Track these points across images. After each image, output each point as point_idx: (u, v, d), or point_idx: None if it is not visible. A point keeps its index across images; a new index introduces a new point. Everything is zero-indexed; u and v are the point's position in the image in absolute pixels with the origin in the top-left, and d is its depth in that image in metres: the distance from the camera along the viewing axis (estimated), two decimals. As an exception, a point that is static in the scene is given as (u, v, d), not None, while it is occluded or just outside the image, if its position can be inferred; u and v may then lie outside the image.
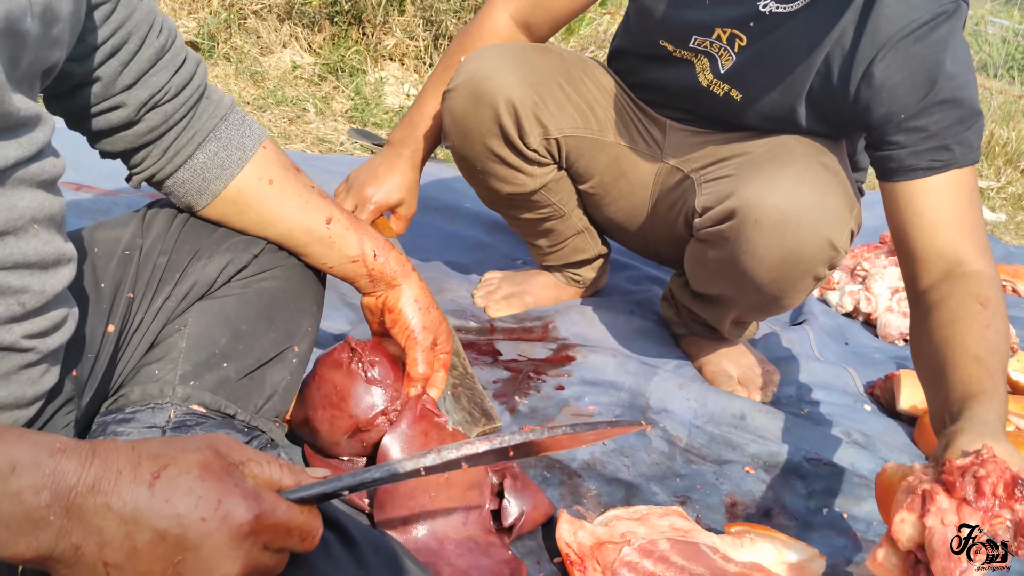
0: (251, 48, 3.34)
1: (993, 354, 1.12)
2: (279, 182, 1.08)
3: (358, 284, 1.19)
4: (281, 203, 1.08)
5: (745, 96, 1.50)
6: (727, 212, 1.40)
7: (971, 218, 1.30)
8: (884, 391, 1.77)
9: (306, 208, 1.09)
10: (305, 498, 0.69)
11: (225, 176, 1.04)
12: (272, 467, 0.69)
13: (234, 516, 0.63)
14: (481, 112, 1.55)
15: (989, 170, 4.42)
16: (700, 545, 1.12)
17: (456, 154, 1.66)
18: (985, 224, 1.32)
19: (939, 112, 1.30)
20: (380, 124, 3.25)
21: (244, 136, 1.05)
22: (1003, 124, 4.65)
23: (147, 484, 0.61)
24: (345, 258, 1.14)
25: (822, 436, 1.56)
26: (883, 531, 1.32)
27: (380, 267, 1.17)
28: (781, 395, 1.72)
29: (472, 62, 1.56)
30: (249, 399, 1.08)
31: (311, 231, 1.10)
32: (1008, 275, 2.71)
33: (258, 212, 1.07)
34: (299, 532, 0.68)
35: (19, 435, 0.59)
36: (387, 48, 3.54)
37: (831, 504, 1.38)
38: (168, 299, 1.04)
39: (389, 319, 1.21)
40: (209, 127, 1.03)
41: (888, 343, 2.12)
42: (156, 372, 1.02)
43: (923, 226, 1.30)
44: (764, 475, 1.43)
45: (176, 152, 1.01)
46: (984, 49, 7.97)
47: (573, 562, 1.08)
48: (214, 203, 1.05)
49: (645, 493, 1.31)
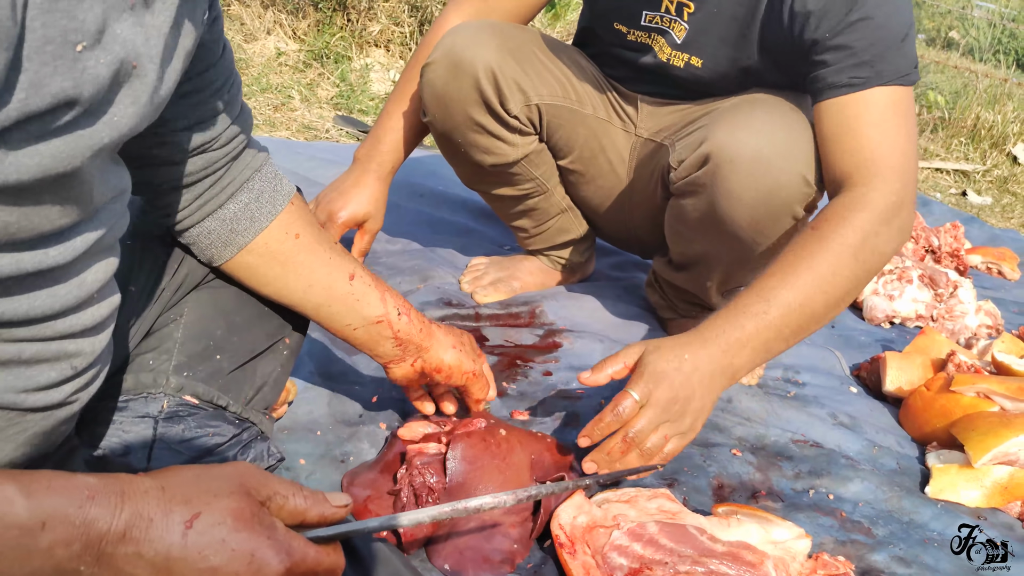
0: (235, 35, 3.32)
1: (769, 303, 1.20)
2: (305, 237, 1.04)
3: (382, 350, 1.12)
4: (305, 258, 1.04)
5: (706, 61, 1.53)
6: (701, 158, 1.42)
7: (889, 138, 1.29)
8: (870, 373, 1.78)
9: (329, 264, 1.05)
10: (331, 537, 0.72)
11: (254, 228, 1.00)
12: (297, 499, 0.70)
13: (267, 570, 0.64)
14: (461, 81, 1.55)
15: (975, 153, 4.44)
16: (688, 527, 1.12)
17: (436, 131, 1.66)
18: (914, 147, 1.31)
19: (861, 30, 1.30)
20: (366, 111, 3.24)
21: (275, 190, 1.02)
22: (989, 107, 4.66)
23: (180, 534, 0.61)
24: (367, 320, 1.08)
25: (808, 418, 1.57)
26: (868, 512, 1.33)
27: (406, 328, 1.10)
28: (768, 377, 1.73)
29: (449, 36, 1.57)
30: (240, 390, 1.08)
31: (332, 288, 1.05)
32: (994, 257, 2.73)
33: (282, 266, 1.03)
34: (325, 573, 0.70)
35: (47, 485, 0.57)
36: (372, 34, 3.52)
37: (817, 485, 1.39)
38: (164, 289, 1.04)
39: (441, 377, 1.16)
40: (244, 178, 0.99)
41: (874, 325, 2.13)
42: (150, 361, 1.02)
43: (839, 142, 1.32)
44: (751, 457, 1.44)
45: (208, 200, 0.97)
46: (971, 32, 7.99)
47: (563, 545, 1.08)
48: (239, 256, 1.01)
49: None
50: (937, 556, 1.26)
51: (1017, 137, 4.50)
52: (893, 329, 2.12)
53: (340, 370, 1.46)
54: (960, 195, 3.91)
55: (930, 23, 8.71)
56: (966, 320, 2.08)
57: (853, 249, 1.23)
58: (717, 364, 1.18)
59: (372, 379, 1.45)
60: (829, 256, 1.22)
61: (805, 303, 1.21)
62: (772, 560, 1.10)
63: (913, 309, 2.13)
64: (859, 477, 1.41)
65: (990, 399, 1.51)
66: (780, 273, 1.22)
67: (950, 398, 1.53)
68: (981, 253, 2.75)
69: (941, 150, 4.48)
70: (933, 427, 1.54)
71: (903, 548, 1.27)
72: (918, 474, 1.47)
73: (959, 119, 4.62)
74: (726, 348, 1.18)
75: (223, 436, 1.03)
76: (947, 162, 4.28)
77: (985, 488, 1.40)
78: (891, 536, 1.29)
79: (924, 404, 1.58)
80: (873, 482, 1.40)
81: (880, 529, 1.31)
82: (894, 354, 1.75)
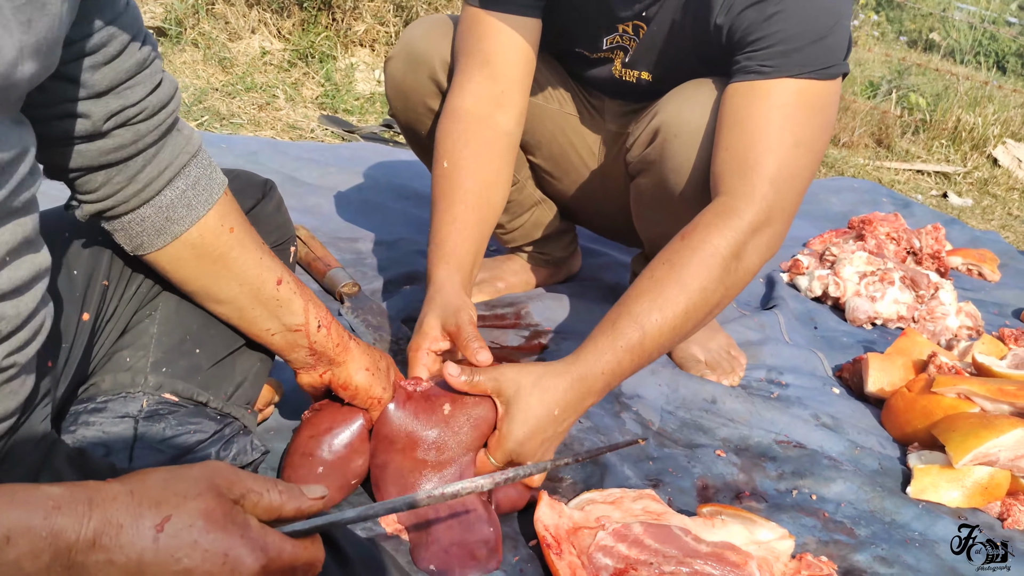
0: (219, 34, 3.31)
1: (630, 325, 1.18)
2: (239, 231, 0.98)
3: (294, 357, 1.09)
4: (239, 255, 0.98)
5: (655, 74, 1.54)
6: (651, 133, 1.44)
7: (771, 139, 1.25)
8: (852, 374, 1.80)
9: (260, 265, 1.00)
10: (308, 531, 0.70)
11: (191, 217, 0.94)
12: (272, 495, 0.69)
13: (242, 568, 0.63)
14: (418, 72, 1.58)
15: (956, 155, 4.48)
16: (672, 527, 1.13)
17: (400, 123, 1.69)
18: (806, 150, 1.27)
19: (778, 23, 1.27)
20: (351, 111, 3.24)
21: (211, 178, 0.96)
22: (969, 110, 4.71)
23: (151, 539, 0.60)
24: (287, 327, 1.05)
25: (791, 419, 1.58)
26: (850, 513, 1.35)
27: (323, 341, 1.07)
28: (751, 378, 1.74)
29: (407, 32, 1.61)
30: (220, 386, 1.07)
31: (260, 291, 1.01)
32: (974, 259, 2.76)
33: (214, 262, 0.97)
34: (304, 567, 0.69)
35: (10, 498, 0.56)
36: (357, 34, 3.52)
37: (800, 485, 1.40)
38: (141, 285, 1.02)
39: (346, 395, 1.13)
40: (181, 162, 0.93)
41: (856, 327, 2.15)
42: (127, 359, 1.01)
43: (723, 134, 1.29)
44: (735, 458, 1.45)
45: (147, 184, 0.91)
46: (952, 35, 8.05)
47: (549, 545, 1.09)
48: (171, 246, 0.95)
49: (619, 475, 1.33)
50: (918, 556, 1.27)
51: (997, 139, 4.55)
52: (875, 330, 2.14)
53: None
54: (941, 197, 3.94)
55: (912, 25, 8.77)
56: (947, 322, 2.10)
57: (723, 261, 1.20)
58: (584, 399, 1.16)
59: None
60: (701, 271, 1.19)
61: (676, 326, 1.19)
62: (756, 560, 1.11)
63: (895, 310, 2.15)
64: (841, 477, 1.42)
65: (971, 400, 1.53)
66: (651, 292, 1.19)
67: (931, 399, 1.55)
68: (962, 255, 2.78)
69: (922, 152, 4.52)
70: (914, 428, 1.56)
71: (885, 548, 1.28)
72: (900, 474, 1.48)
73: (940, 121, 4.66)
74: (600, 383, 1.17)
75: (204, 432, 1.02)
76: (928, 164, 4.31)
77: (966, 488, 1.41)
78: (873, 536, 1.31)
79: (905, 405, 1.59)
80: (855, 482, 1.41)
81: (862, 529, 1.32)
82: (876, 355, 1.76)
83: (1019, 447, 1.41)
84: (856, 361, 1.81)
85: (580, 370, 1.15)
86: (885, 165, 4.21)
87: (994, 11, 8.97)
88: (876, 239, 2.44)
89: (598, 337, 1.18)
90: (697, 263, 1.19)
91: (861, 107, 4.66)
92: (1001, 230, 3.61)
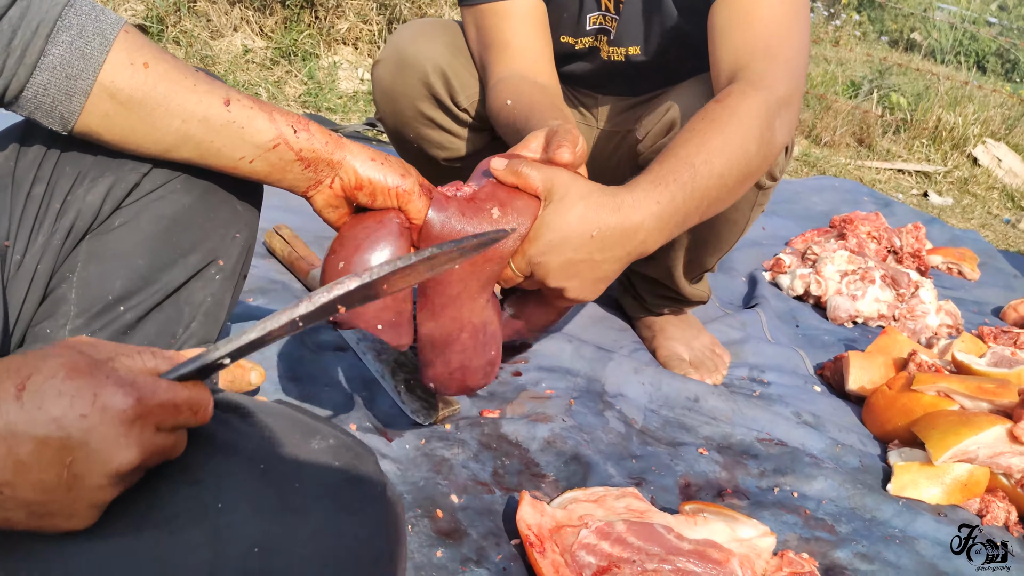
0: (201, 31, 3.29)
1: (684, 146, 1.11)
2: (156, 64, 0.87)
3: (292, 178, 0.97)
4: (166, 88, 0.87)
5: (644, 47, 1.54)
6: (667, 125, 1.44)
7: (784, 30, 1.26)
8: (833, 372, 1.81)
9: (196, 91, 0.89)
10: (185, 375, 0.66)
11: (91, 67, 0.84)
12: (144, 356, 0.65)
13: (114, 405, 0.60)
14: (409, 76, 1.57)
15: (936, 155, 4.51)
16: (655, 525, 1.14)
17: (388, 128, 1.67)
18: (806, 42, 1.30)
19: None
20: (334, 109, 3.23)
21: (99, 20, 0.85)
22: (950, 109, 4.74)
23: (13, 399, 0.58)
24: (261, 146, 0.92)
25: (773, 417, 1.59)
26: (831, 510, 1.36)
27: (309, 144, 0.95)
28: (734, 377, 1.75)
29: (397, 34, 1.59)
30: (162, 335, 0.97)
31: (209, 119, 0.89)
32: (954, 258, 2.78)
33: (141, 104, 0.87)
34: (188, 407, 0.65)
35: None
36: (340, 32, 3.51)
37: (782, 483, 1.41)
38: (52, 237, 0.91)
39: (364, 196, 1.00)
40: (55, 14, 0.83)
41: (837, 325, 2.16)
42: (48, 331, 0.91)
43: (732, 35, 1.29)
44: (717, 456, 1.46)
45: (25, 47, 0.81)
46: (933, 35, 8.11)
47: (532, 544, 1.09)
48: (89, 105, 0.86)
49: (602, 473, 1.33)
50: (899, 552, 1.28)
51: (977, 139, 4.58)
52: (856, 329, 2.16)
53: (309, 372, 1.45)
54: (922, 196, 3.97)
55: (893, 25, 8.82)
56: (927, 320, 2.11)
57: (761, 125, 1.17)
58: (629, 237, 1.05)
59: (341, 381, 1.45)
60: (740, 129, 1.15)
61: (723, 175, 1.12)
62: (738, 558, 1.12)
63: (875, 309, 2.17)
64: (822, 475, 1.43)
65: (950, 398, 1.54)
66: (696, 141, 1.12)
67: (911, 397, 1.56)
68: (942, 254, 2.80)
69: (903, 151, 4.55)
70: (895, 425, 1.57)
71: (865, 545, 1.29)
72: (880, 472, 1.50)
73: (921, 121, 4.70)
74: (650, 219, 1.05)
75: None
76: (909, 163, 4.34)
77: (945, 485, 1.43)
78: (854, 533, 1.32)
79: (886, 403, 1.60)
80: (836, 480, 1.42)
81: (843, 526, 1.33)
82: (857, 354, 1.78)
83: (998, 444, 1.42)
84: (837, 359, 1.82)
85: (632, 197, 1.04)
86: (866, 164, 4.23)
87: (975, 11, 9.04)
88: (857, 238, 2.45)
89: (647, 174, 1.08)
90: (737, 123, 1.15)
91: (843, 107, 4.69)
92: (981, 229, 3.64)
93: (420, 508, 1.19)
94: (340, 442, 0.77)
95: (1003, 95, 5.33)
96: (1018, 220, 3.85)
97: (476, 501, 1.23)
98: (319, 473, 0.72)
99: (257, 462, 0.70)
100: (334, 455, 0.75)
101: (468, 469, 1.29)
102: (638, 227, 1.03)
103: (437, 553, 1.11)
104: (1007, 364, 1.68)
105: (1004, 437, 1.42)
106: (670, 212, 1.06)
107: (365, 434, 1.30)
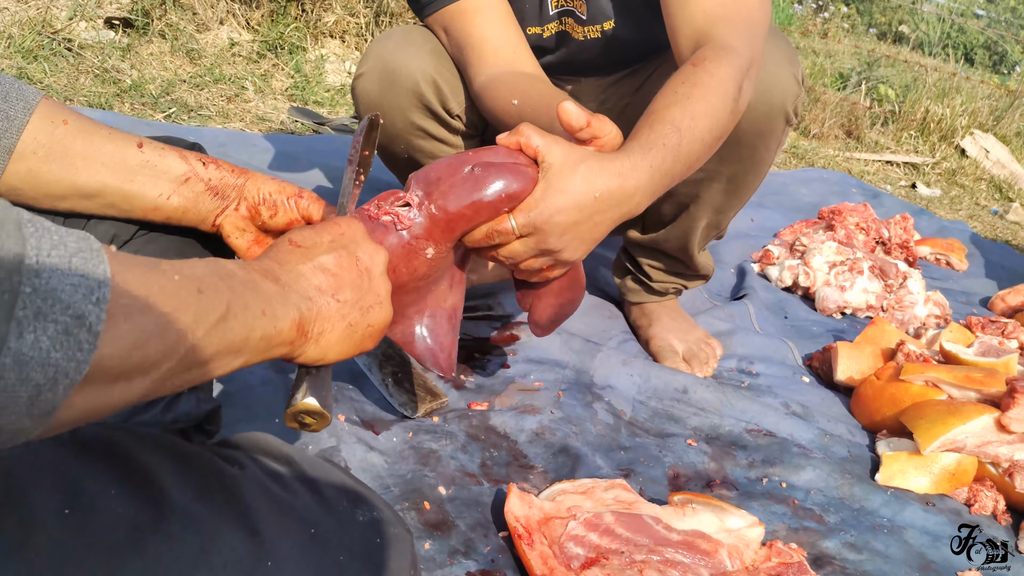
0: (187, 25, 3.27)
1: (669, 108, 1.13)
2: (74, 121, 0.94)
3: (203, 209, 1.03)
4: (85, 140, 0.94)
5: (617, 19, 1.53)
6: None
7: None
8: (822, 363, 1.81)
9: (111, 140, 0.95)
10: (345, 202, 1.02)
11: (15, 128, 0.89)
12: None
13: (353, 227, 0.85)
14: (399, 88, 1.52)
15: (924, 146, 4.52)
16: (643, 516, 1.13)
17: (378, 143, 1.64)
18: (765, 6, 1.30)
19: None
20: (321, 102, 3.21)
21: (20, 89, 0.91)
22: (938, 101, 4.75)
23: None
24: (175, 179, 0.99)
25: (762, 407, 1.59)
26: (819, 500, 1.36)
27: (216, 174, 1.02)
28: (722, 368, 1.75)
29: (377, 46, 1.53)
30: None
31: (126, 160, 0.96)
32: (942, 248, 2.78)
33: (62, 156, 0.93)
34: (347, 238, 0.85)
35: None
36: (327, 25, 3.49)
37: (770, 473, 1.41)
38: None
39: (266, 209, 1.07)
40: None
41: (826, 316, 2.16)
42: None
43: (689, 4, 1.28)
44: (706, 447, 1.45)
45: None
46: (921, 27, 8.12)
47: (520, 536, 1.09)
48: (14, 162, 0.90)
49: (590, 465, 1.33)
50: (887, 542, 1.29)
51: (965, 130, 4.60)
52: (844, 319, 2.16)
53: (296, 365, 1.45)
54: (910, 187, 3.98)
55: (881, 17, 8.84)
56: (915, 310, 2.12)
57: (732, 92, 1.19)
58: (627, 199, 1.08)
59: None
60: (719, 94, 1.17)
61: (703, 139, 1.15)
62: (726, 548, 1.12)
63: (864, 300, 2.17)
64: (811, 465, 1.43)
65: (938, 388, 1.54)
66: (680, 105, 1.14)
67: (899, 387, 1.56)
68: (930, 244, 2.80)
69: (891, 143, 4.56)
70: (883, 415, 1.57)
71: (854, 535, 1.29)
72: (868, 461, 1.50)
73: (909, 112, 4.71)
74: (645, 180, 1.09)
75: None
76: (897, 155, 4.35)
77: (933, 475, 1.43)
78: (842, 523, 1.32)
79: (874, 393, 1.61)
80: (825, 470, 1.42)
81: (831, 516, 1.33)
82: (845, 344, 1.78)
83: (986, 433, 1.43)
84: (826, 350, 1.82)
85: (630, 161, 1.07)
86: (855, 156, 4.24)
87: (963, 4, 9.06)
88: (846, 229, 2.45)
89: (638, 138, 1.11)
90: (716, 86, 1.17)
91: (831, 99, 4.69)
92: (969, 220, 3.65)
93: (407, 501, 1.18)
94: (383, 516, 0.84)
95: (991, 87, 5.34)
96: (1006, 211, 3.86)
97: (464, 493, 1.22)
98: (361, 545, 0.79)
99: (308, 525, 0.75)
100: (377, 530, 0.82)
101: (456, 461, 1.29)
102: (634, 190, 1.07)
103: (425, 545, 1.11)
104: (995, 353, 1.69)
105: (992, 426, 1.43)
106: (661, 174, 1.10)
107: (353, 427, 1.29)
